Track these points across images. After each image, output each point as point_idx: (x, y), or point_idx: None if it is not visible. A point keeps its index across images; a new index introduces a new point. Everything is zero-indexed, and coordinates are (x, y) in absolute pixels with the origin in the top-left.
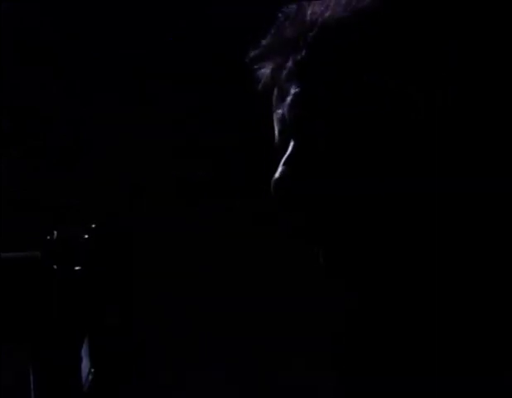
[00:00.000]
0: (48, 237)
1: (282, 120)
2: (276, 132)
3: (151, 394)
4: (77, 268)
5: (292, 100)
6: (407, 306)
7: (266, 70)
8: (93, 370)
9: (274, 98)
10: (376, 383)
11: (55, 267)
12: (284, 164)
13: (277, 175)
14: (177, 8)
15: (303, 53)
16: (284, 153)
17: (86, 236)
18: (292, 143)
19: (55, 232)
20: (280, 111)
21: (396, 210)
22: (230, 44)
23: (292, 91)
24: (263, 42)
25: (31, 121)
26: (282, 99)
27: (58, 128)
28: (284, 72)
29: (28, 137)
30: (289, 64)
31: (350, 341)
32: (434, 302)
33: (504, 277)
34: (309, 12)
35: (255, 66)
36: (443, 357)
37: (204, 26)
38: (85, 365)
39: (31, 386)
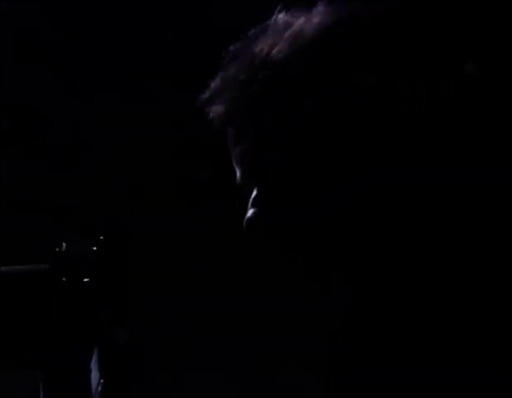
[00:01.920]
0: (57, 250)
1: (241, 162)
2: (237, 173)
3: (149, 396)
4: (85, 280)
5: (244, 142)
6: (403, 299)
7: (219, 108)
8: (102, 381)
9: (231, 138)
10: (373, 377)
11: (63, 279)
12: (253, 205)
13: (248, 215)
14: (177, 8)
15: (255, 91)
16: (249, 192)
17: (94, 248)
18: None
19: (64, 245)
20: (237, 152)
21: (397, 203)
22: (230, 44)
23: (246, 131)
24: (212, 85)
25: (31, 121)
26: (238, 140)
27: (58, 128)
28: (237, 112)
29: (28, 137)
30: (242, 103)
31: (346, 336)
32: (431, 294)
33: (504, 270)
34: (257, 49)
35: (206, 109)
36: (439, 351)
37: (204, 26)
38: (94, 376)
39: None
